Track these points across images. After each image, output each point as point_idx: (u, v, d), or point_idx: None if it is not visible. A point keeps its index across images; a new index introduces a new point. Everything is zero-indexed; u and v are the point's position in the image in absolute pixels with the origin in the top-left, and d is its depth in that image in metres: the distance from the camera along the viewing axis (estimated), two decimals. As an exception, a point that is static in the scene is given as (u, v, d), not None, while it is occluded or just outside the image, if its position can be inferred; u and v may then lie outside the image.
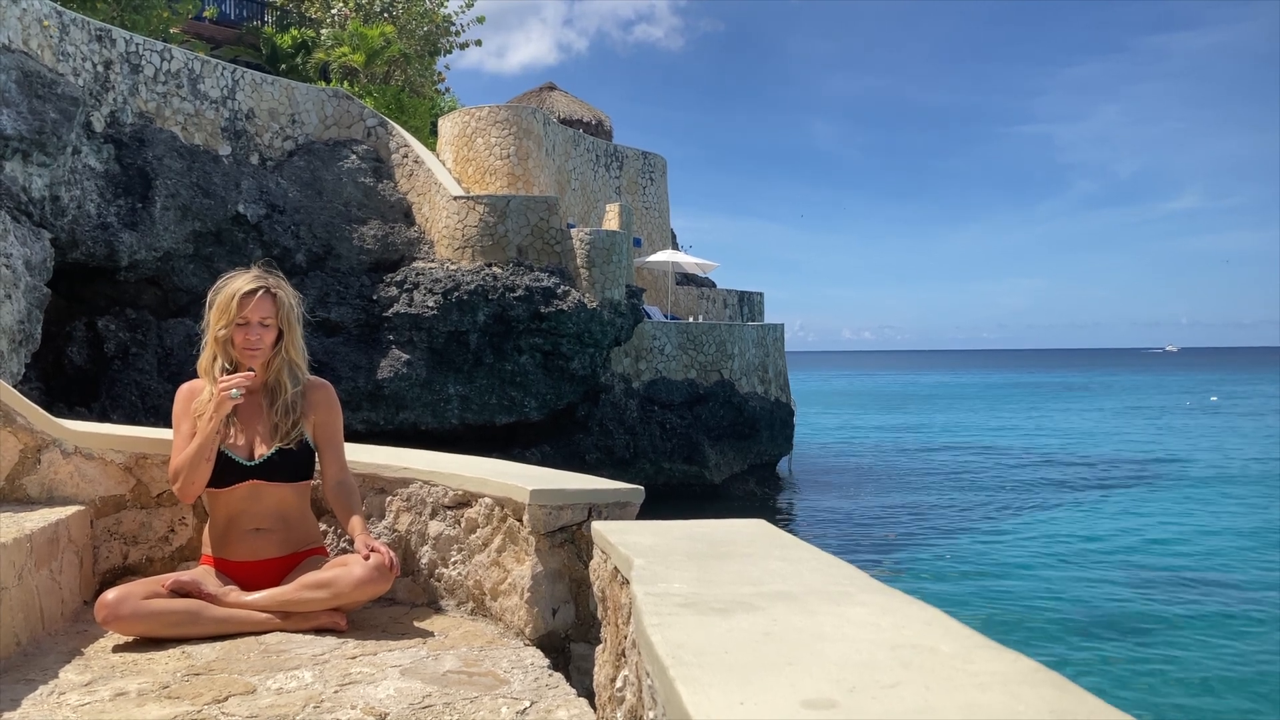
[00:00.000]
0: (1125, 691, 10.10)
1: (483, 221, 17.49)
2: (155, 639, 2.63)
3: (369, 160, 18.15)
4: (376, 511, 3.23)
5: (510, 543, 2.84)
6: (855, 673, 1.19)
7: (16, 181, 12.68)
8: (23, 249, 12.53)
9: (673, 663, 1.22)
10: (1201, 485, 24.97)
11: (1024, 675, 1.19)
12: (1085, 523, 19.84)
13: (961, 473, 27.91)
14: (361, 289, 17.25)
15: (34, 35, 13.34)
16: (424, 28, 25.42)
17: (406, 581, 3.12)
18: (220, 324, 2.96)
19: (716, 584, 1.68)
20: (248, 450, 2.96)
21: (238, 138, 16.84)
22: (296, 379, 3.05)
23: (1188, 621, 12.83)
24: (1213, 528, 19.25)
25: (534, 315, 17.10)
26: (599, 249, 17.91)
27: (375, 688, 2.29)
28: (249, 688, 2.29)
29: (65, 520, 2.94)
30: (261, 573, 2.91)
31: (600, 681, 2.14)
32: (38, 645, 2.63)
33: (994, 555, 16.86)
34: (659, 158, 28.26)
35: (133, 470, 3.25)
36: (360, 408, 16.41)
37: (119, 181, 14.81)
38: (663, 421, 20.27)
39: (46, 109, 12.98)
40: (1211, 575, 15.37)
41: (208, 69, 16.52)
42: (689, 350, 21.53)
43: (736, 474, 22.10)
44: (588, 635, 2.68)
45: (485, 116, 20.88)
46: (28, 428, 3.14)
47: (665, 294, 25.72)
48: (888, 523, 19.88)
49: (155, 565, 3.23)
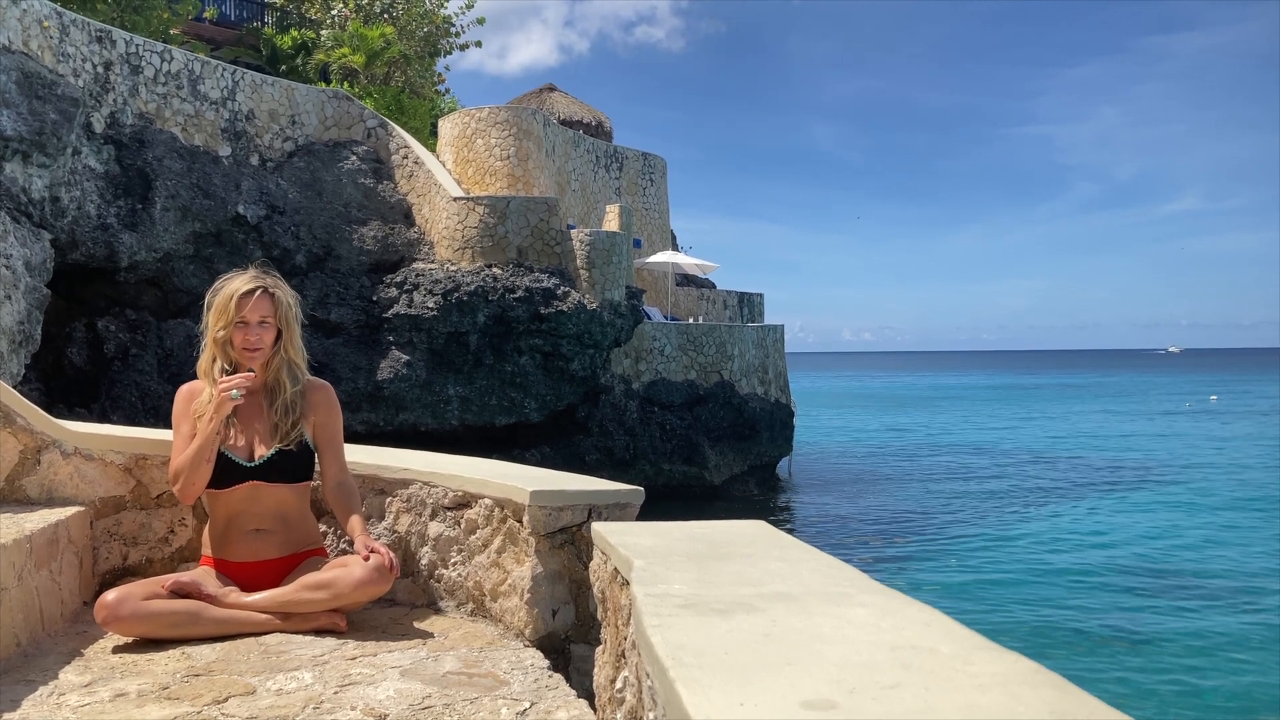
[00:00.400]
0: (1124, 691, 10.09)
1: (483, 222, 17.49)
2: (155, 640, 2.63)
3: (369, 161, 18.16)
4: (376, 512, 3.23)
5: (510, 544, 2.83)
6: (855, 673, 1.19)
7: (16, 182, 12.68)
8: (23, 250, 12.53)
9: (673, 664, 1.22)
10: (1203, 487, 24.96)
11: (1024, 676, 1.19)
12: (1086, 524, 19.84)
13: (961, 474, 27.92)
14: (361, 290, 17.26)
15: (34, 36, 13.35)
16: (424, 29, 25.43)
17: (406, 582, 3.12)
18: (219, 325, 2.96)
19: (716, 585, 1.68)
20: (247, 451, 2.96)
21: (238, 139, 16.85)
22: (296, 378, 3.05)
23: (1188, 625, 12.83)
24: (1217, 533, 19.24)
25: (534, 316, 17.10)
26: (599, 250, 17.92)
27: (375, 689, 2.29)
28: (249, 689, 2.29)
29: (65, 521, 2.93)
30: (261, 574, 2.91)
31: (600, 682, 2.14)
32: (37, 646, 2.63)
33: (994, 556, 16.86)
34: (659, 159, 28.26)
35: (132, 471, 3.25)
36: (360, 409, 16.42)
37: (119, 182, 14.82)
38: (663, 422, 20.27)
39: (46, 110, 12.99)
40: (1214, 580, 15.37)
41: (208, 70, 16.53)
42: (689, 351, 21.54)
43: (736, 475, 22.11)
44: (588, 636, 2.68)
45: (485, 118, 20.89)
46: (27, 428, 3.14)
47: (665, 295, 25.73)
48: (887, 524, 19.88)
49: (155, 566, 3.22)
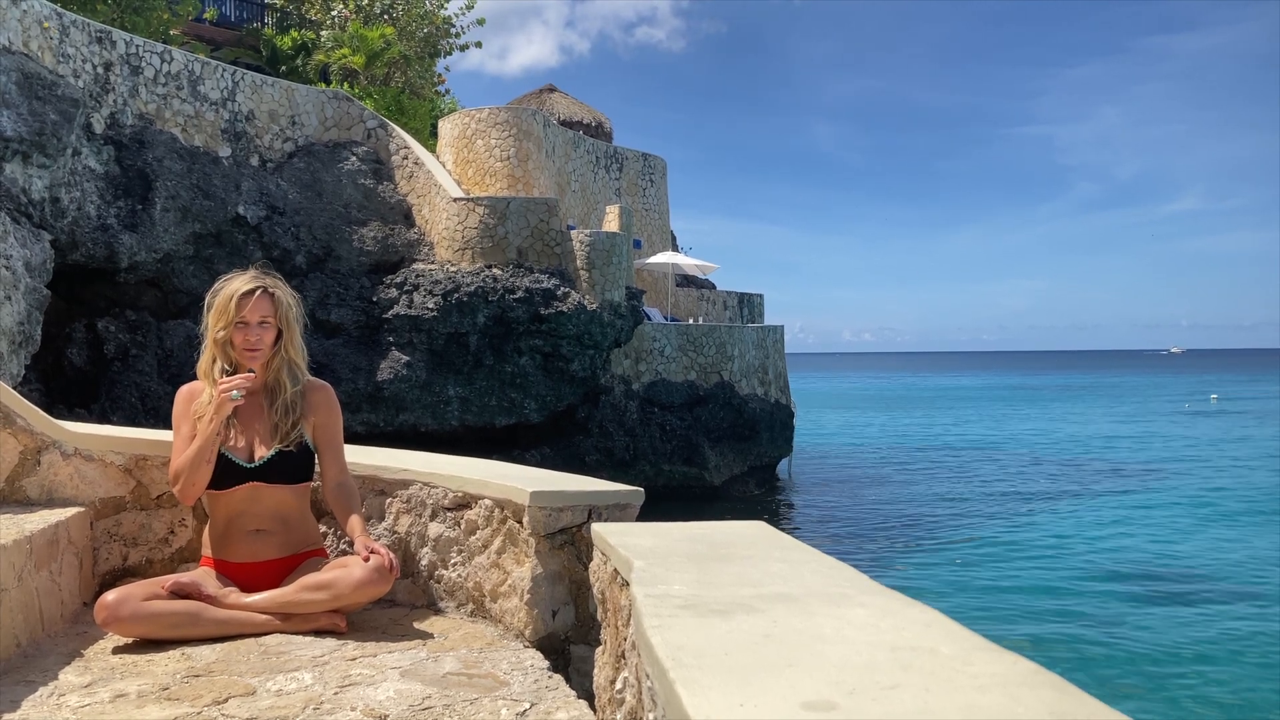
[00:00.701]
0: (1124, 692, 10.09)
1: (483, 223, 17.49)
2: (155, 641, 2.63)
3: (369, 162, 18.16)
4: (376, 513, 3.23)
5: (510, 544, 2.83)
6: (855, 674, 1.19)
7: (16, 183, 12.68)
8: (23, 250, 12.53)
9: (672, 664, 1.22)
10: (1205, 488, 24.95)
11: (1023, 677, 1.19)
12: (1088, 525, 19.83)
13: (962, 475, 27.91)
14: (361, 291, 17.26)
15: (34, 37, 13.35)
16: (424, 29, 25.44)
17: (406, 583, 3.12)
18: (219, 326, 2.96)
19: (716, 586, 1.68)
20: (247, 452, 2.96)
21: (238, 139, 16.85)
22: (296, 378, 3.05)
23: (1191, 626, 12.83)
24: (1222, 533, 19.23)
25: (534, 317, 17.10)
26: (599, 251, 17.92)
27: (375, 689, 2.29)
28: (249, 689, 2.29)
29: (65, 522, 2.93)
30: (261, 574, 2.91)
31: (600, 683, 2.14)
32: (37, 647, 2.63)
33: (994, 557, 16.86)
34: (659, 159, 28.26)
35: (132, 472, 3.25)
36: (360, 409, 16.41)
37: (119, 183, 14.81)
38: (663, 423, 20.27)
39: (46, 110, 12.99)
40: (1218, 583, 15.35)
41: (208, 70, 16.53)
42: (689, 352, 21.53)
43: (736, 476, 22.10)
44: (588, 637, 2.68)
45: (485, 118, 20.89)
46: (27, 429, 3.14)
47: (665, 296, 25.73)
48: (888, 524, 19.88)
49: (155, 567, 3.22)
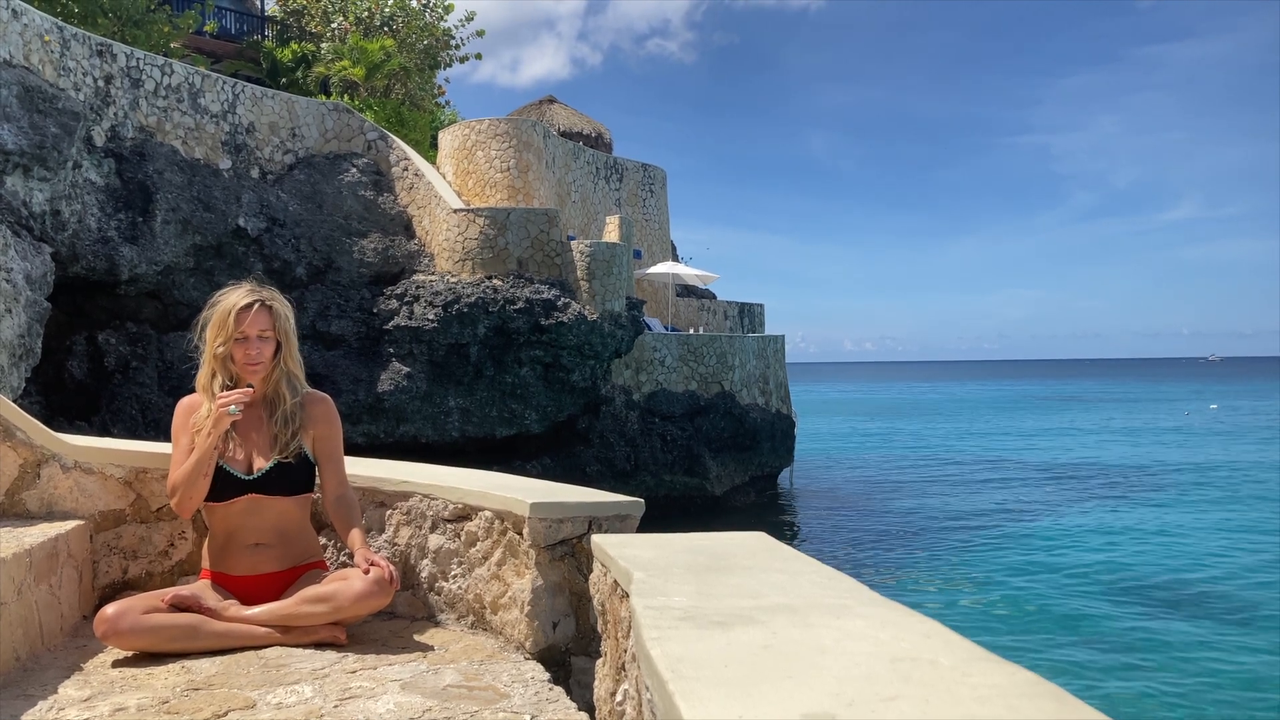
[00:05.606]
0: (1125, 702, 10.06)
1: (483, 234, 17.52)
2: (155, 654, 2.63)
3: (369, 173, 18.20)
4: (376, 525, 3.22)
5: (510, 556, 2.83)
6: (854, 686, 1.19)
7: (17, 196, 12.71)
8: (23, 263, 12.55)
9: (672, 676, 1.22)
10: (1206, 494, 24.91)
11: (1023, 688, 1.19)
12: (1091, 534, 19.79)
13: (964, 484, 27.88)
14: (362, 302, 17.27)
15: (35, 50, 13.40)
16: (424, 41, 25.53)
17: (406, 595, 3.12)
18: (218, 340, 2.95)
19: (716, 597, 1.68)
20: (246, 464, 2.95)
21: (238, 151, 16.89)
22: (295, 390, 3.04)
23: (1194, 636, 12.79)
24: (1227, 540, 19.19)
25: (534, 327, 17.11)
26: (599, 261, 17.94)
27: (375, 702, 2.28)
28: (249, 702, 2.28)
29: (65, 535, 2.93)
30: (261, 587, 2.90)
31: (600, 695, 2.14)
32: (37, 660, 2.62)
33: (995, 567, 16.82)
34: (659, 170, 28.31)
35: (132, 485, 3.24)
36: (360, 421, 16.41)
37: (119, 195, 14.84)
38: (663, 433, 20.25)
39: (47, 124, 13.03)
40: (1221, 588, 15.33)
41: (208, 83, 16.58)
42: (689, 362, 21.53)
43: (737, 486, 22.07)
44: (588, 649, 2.67)
45: (485, 129, 20.93)
46: (27, 442, 3.14)
47: (666, 306, 25.75)
48: (888, 535, 19.84)
49: (155, 580, 3.22)
